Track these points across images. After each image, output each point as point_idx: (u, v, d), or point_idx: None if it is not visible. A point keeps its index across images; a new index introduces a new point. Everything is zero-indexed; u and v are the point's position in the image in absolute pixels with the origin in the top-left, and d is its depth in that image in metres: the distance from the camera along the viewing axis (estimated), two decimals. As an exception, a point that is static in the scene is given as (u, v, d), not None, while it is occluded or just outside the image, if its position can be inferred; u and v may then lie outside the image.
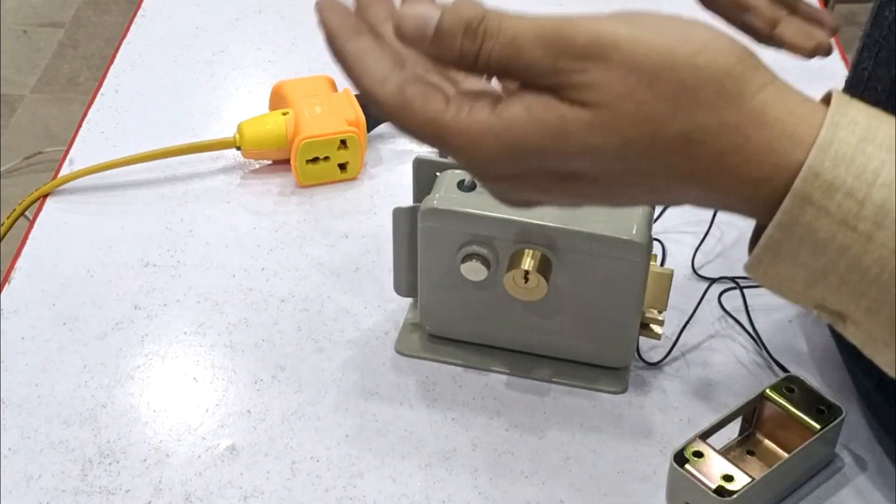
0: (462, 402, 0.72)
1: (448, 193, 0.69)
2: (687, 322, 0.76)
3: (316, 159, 0.88)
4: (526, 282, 0.67)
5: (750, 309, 0.78)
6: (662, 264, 0.78)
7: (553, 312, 0.71)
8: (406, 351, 0.75)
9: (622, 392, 0.73)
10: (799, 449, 0.65)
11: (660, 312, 0.72)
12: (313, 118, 0.88)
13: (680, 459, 0.63)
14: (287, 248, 0.84)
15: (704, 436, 0.65)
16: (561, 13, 0.42)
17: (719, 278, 0.80)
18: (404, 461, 0.69)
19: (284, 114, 0.90)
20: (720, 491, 0.62)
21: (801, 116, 0.43)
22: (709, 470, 0.63)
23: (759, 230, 0.44)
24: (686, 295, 0.79)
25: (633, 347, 0.73)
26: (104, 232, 0.85)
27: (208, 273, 0.81)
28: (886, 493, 0.67)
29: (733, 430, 0.68)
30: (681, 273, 0.80)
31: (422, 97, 0.44)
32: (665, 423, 0.71)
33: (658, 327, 0.72)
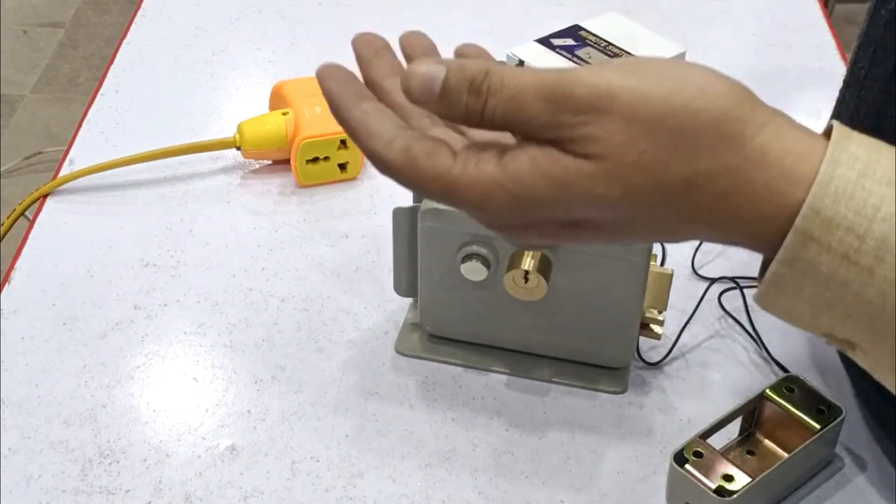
0: (462, 402, 0.72)
1: (448, 193, 0.69)
2: (687, 322, 0.76)
3: (316, 159, 0.88)
4: (526, 282, 0.67)
5: (750, 309, 0.78)
6: (662, 264, 0.78)
7: (553, 312, 0.71)
8: (406, 351, 0.75)
9: (622, 392, 0.73)
10: (799, 449, 0.65)
11: (660, 312, 0.72)
12: (313, 118, 0.88)
13: (680, 459, 0.63)
14: (287, 248, 0.84)
15: (704, 436, 0.65)
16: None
17: (719, 278, 0.80)
18: (404, 461, 0.69)
19: (284, 114, 0.90)
20: (720, 491, 0.62)
21: (801, 155, 0.43)
22: (709, 470, 0.63)
23: (767, 263, 0.45)
24: (686, 295, 0.79)
25: (633, 347, 0.73)
26: (104, 232, 0.85)
27: (208, 273, 0.81)
28: (886, 494, 0.67)
29: (733, 430, 0.68)
30: (681, 273, 0.80)
31: (428, 154, 0.44)
32: (665, 423, 0.71)
33: (658, 327, 0.72)
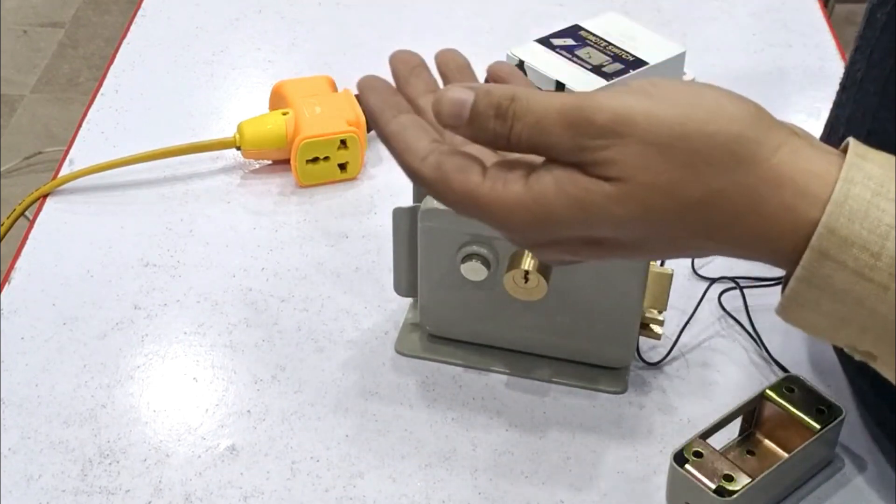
0: (462, 402, 0.72)
1: (448, 193, 0.69)
2: (687, 322, 0.76)
3: (316, 159, 0.88)
4: (526, 282, 0.67)
5: (750, 309, 0.78)
6: (662, 264, 0.78)
7: (553, 312, 0.71)
8: (406, 351, 0.75)
9: (622, 392, 0.73)
10: (799, 449, 0.65)
11: (660, 312, 0.72)
12: (313, 118, 0.88)
13: (680, 459, 0.63)
14: (287, 248, 0.84)
15: (704, 436, 0.65)
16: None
17: (719, 278, 0.80)
18: (404, 461, 0.69)
19: (284, 114, 0.90)
20: (720, 491, 0.62)
21: (816, 174, 0.45)
22: (709, 470, 0.63)
23: (789, 277, 0.46)
24: (686, 295, 0.79)
25: (633, 347, 0.73)
26: (104, 232, 0.85)
27: (208, 273, 0.81)
28: (886, 494, 0.67)
29: (733, 430, 0.68)
30: (681, 273, 0.80)
31: (459, 171, 0.47)
32: (665, 423, 0.71)
33: (658, 327, 0.72)
